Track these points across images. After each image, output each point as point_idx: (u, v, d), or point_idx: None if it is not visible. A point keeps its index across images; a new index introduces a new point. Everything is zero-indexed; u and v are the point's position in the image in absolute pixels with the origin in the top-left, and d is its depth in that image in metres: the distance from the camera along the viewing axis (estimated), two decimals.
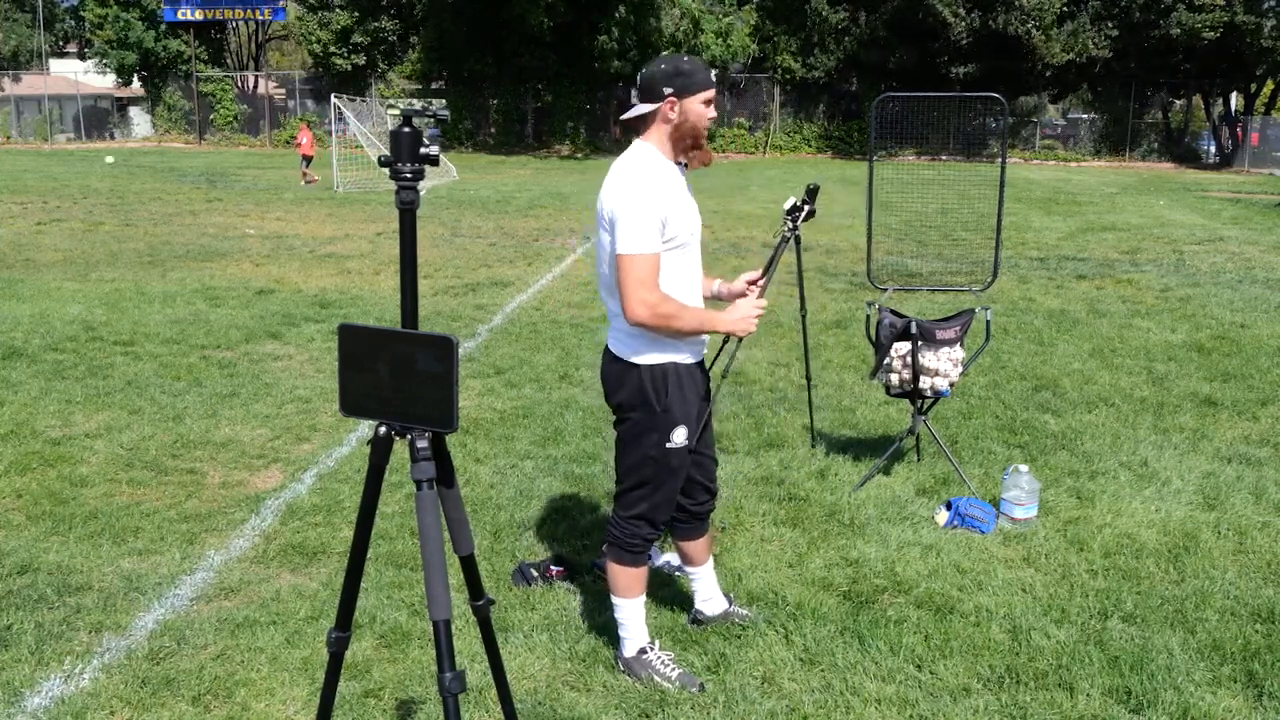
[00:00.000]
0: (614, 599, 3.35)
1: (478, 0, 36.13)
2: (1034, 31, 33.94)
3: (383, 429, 2.21)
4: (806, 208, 4.02)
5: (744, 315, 3.19)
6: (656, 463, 3.18)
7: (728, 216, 17.00)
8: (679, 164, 3.17)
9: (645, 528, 3.26)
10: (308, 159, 24.15)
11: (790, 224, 4.08)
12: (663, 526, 3.32)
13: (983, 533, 4.40)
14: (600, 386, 3.33)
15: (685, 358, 3.18)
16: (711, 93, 3.07)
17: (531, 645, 3.46)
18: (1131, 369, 7.22)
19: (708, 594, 3.63)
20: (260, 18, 42.66)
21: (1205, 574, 4.04)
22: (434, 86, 39.73)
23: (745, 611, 3.68)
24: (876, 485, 4.92)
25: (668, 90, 3.00)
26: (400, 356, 2.12)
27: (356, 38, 39.77)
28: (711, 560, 3.63)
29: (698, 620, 3.62)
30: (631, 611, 3.33)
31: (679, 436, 3.17)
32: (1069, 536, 4.38)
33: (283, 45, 52.15)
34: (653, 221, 2.98)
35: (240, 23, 44.59)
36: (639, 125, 3.14)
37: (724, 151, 38.70)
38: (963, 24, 34.11)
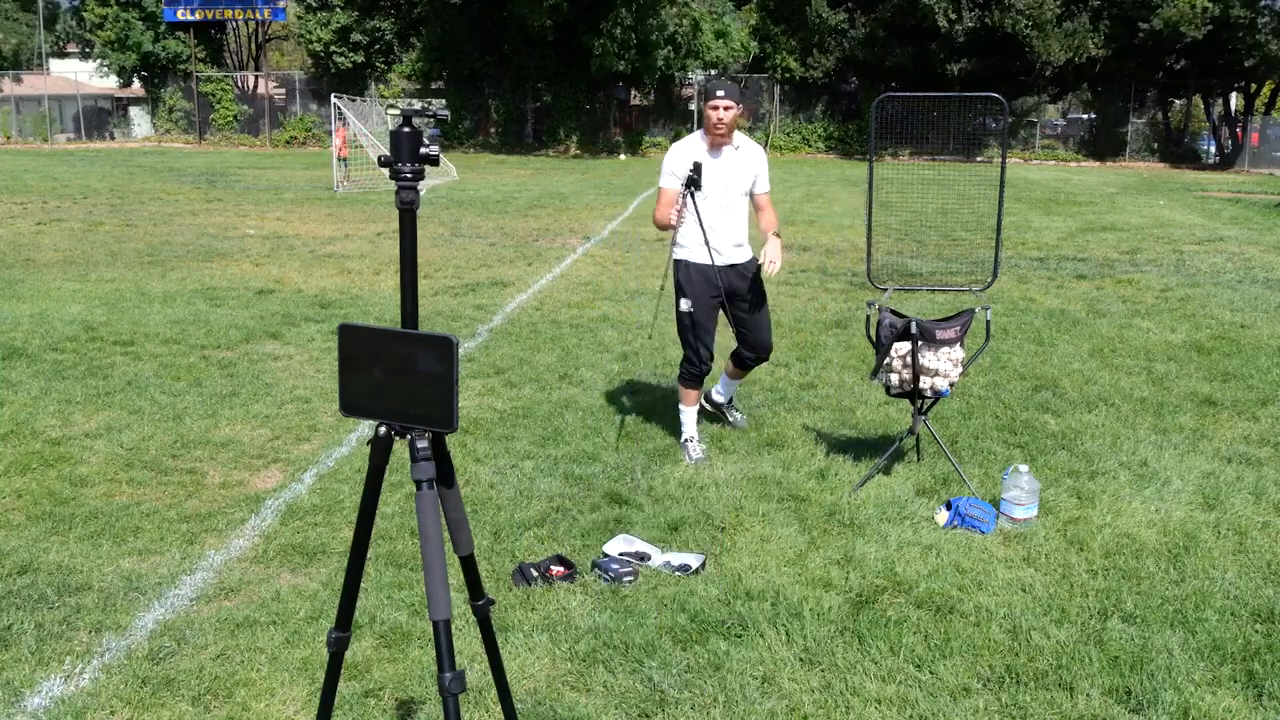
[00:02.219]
0: (679, 405, 5.35)
1: (477, 0, 36.14)
2: (1031, 30, 33.88)
3: (383, 429, 2.21)
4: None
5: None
6: (679, 319, 5.20)
7: None
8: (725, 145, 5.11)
9: (685, 364, 5.23)
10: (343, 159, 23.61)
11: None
12: (702, 366, 5.15)
13: (983, 533, 4.40)
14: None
15: (696, 258, 5.10)
16: (712, 100, 4.98)
17: (531, 645, 3.47)
18: (1131, 369, 7.22)
19: (724, 391, 5.63)
20: (260, 18, 42.66)
21: (1205, 574, 4.04)
22: (434, 86, 39.73)
23: (742, 418, 5.70)
24: (876, 485, 4.92)
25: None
26: (400, 356, 2.12)
27: (356, 37, 39.78)
28: (741, 378, 5.62)
29: (707, 398, 5.65)
30: (686, 415, 5.30)
31: (683, 305, 5.14)
32: (1069, 536, 4.38)
33: (283, 45, 52.12)
34: (666, 170, 5.10)
35: (240, 23, 44.56)
36: None
37: None
38: (959, 26, 34.06)
